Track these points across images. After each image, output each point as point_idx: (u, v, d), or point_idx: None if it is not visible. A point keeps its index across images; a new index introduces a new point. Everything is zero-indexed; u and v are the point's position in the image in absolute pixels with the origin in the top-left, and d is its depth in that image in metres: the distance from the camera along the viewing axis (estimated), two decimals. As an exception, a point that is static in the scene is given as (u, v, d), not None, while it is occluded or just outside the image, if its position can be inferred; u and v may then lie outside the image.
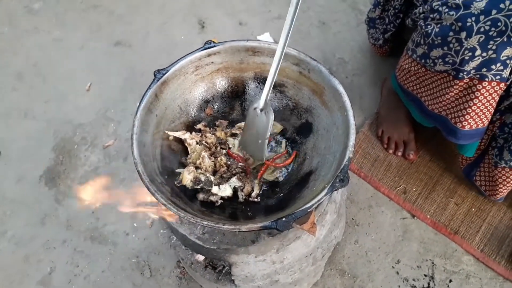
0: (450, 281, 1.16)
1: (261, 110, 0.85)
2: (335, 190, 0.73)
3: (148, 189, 0.74)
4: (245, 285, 0.98)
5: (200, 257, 0.98)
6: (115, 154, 1.40)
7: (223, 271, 1.00)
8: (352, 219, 1.25)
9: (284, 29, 0.80)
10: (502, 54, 0.86)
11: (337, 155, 0.81)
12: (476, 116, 0.97)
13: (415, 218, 1.25)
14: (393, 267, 1.18)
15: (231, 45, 0.90)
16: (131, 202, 1.19)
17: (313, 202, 0.71)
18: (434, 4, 0.91)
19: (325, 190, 0.73)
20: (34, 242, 1.27)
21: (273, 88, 0.95)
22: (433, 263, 1.18)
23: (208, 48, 0.89)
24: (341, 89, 0.84)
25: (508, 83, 0.93)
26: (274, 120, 0.95)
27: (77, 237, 1.27)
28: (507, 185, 1.11)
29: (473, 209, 1.24)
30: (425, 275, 1.17)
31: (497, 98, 0.95)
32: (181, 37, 1.61)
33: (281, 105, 0.96)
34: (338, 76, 1.52)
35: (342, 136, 0.82)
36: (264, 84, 0.94)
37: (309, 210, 0.71)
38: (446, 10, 0.87)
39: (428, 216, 1.24)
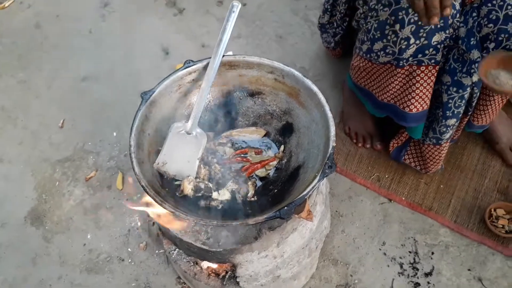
0: (433, 253, 1.26)
1: (188, 133, 0.93)
2: (326, 176, 0.81)
3: (155, 200, 0.79)
4: (249, 286, 1.03)
5: (204, 265, 1.03)
6: (99, 185, 1.42)
7: (227, 276, 1.05)
8: (336, 211, 1.34)
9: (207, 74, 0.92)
10: (433, 40, 0.99)
11: (320, 147, 0.89)
12: (421, 99, 1.10)
13: (392, 201, 1.35)
14: (379, 249, 1.27)
15: (208, 61, 0.97)
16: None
17: (309, 189, 0.79)
18: (371, 3, 1.04)
19: (317, 178, 0.80)
20: (28, 283, 1.25)
21: (251, 96, 1.04)
22: (414, 239, 1.28)
23: (188, 66, 0.96)
24: (315, 88, 0.93)
25: (440, 66, 1.07)
26: (257, 126, 1.04)
27: (72, 271, 1.27)
28: (435, 159, 1.26)
29: (442, 186, 1.36)
30: (410, 252, 1.27)
31: (434, 80, 1.08)
32: (147, 65, 1.66)
33: (261, 111, 1.04)
34: (306, 76, 1.64)
35: (322, 130, 0.91)
36: (244, 93, 1.03)
37: (306, 197, 0.79)
38: (381, 7, 1.00)
39: (403, 198, 1.35)
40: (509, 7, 0.94)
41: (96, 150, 1.48)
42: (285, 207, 0.76)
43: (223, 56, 0.97)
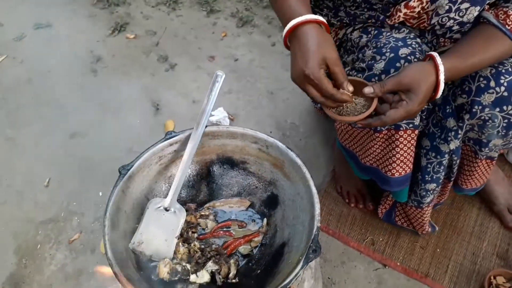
0: (431, 325, 1.19)
1: (167, 209, 0.90)
2: (310, 261, 0.76)
3: (127, 289, 0.74)
4: None
5: None
6: (82, 248, 1.37)
7: None
8: (328, 278, 1.27)
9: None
10: None
11: (305, 224, 0.85)
12: (402, 163, 1.07)
13: (387, 267, 1.29)
14: (375, 320, 1.21)
15: (190, 132, 0.95)
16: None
17: (291, 277, 0.74)
18: (346, 69, 1.03)
19: (301, 263, 0.76)
20: None
21: (236, 165, 1.01)
22: (411, 309, 1.22)
23: (169, 138, 0.93)
24: (299, 161, 0.90)
25: (420, 129, 1.04)
26: (241, 196, 1.00)
27: None
28: (418, 221, 1.23)
29: (438, 250, 1.31)
30: (406, 323, 1.20)
31: (414, 144, 1.05)
32: (137, 121, 1.64)
33: (245, 181, 1.01)
34: (292, 140, 1.62)
35: (307, 205, 0.87)
36: (227, 163, 0.99)
37: (288, 286, 0.74)
38: (355, 73, 0.98)
39: (398, 264, 1.29)
40: (481, 79, 0.93)
41: (81, 210, 1.44)
42: (265, 298, 0.71)
43: (206, 126, 0.94)
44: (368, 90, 0.85)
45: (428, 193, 1.12)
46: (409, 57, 0.92)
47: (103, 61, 1.81)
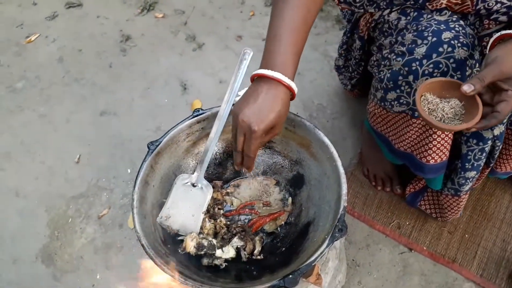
0: (456, 310, 1.17)
1: (194, 185, 0.91)
2: (336, 240, 0.76)
3: (154, 262, 0.75)
4: None
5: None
6: (111, 223, 1.40)
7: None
8: (353, 260, 1.27)
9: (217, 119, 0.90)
10: None
11: (332, 204, 0.84)
12: (439, 150, 1.04)
13: (413, 251, 1.27)
14: (398, 303, 1.20)
15: (217, 110, 0.95)
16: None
17: (316, 255, 0.74)
18: (384, 52, 1.00)
19: (326, 242, 0.75)
20: (36, 325, 1.24)
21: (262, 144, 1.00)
22: (436, 294, 1.20)
23: (197, 115, 0.94)
24: (327, 141, 0.89)
25: None
26: (266, 175, 1.00)
27: (80, 313, 1.25)
28: (453, 209, 1.19)
29: (467, 235, 1.28)
30: (431, 308, 1.18)
31: (453, 132, 1.01)
32: (165, 100, 1.66)
33: (271, 160, 1.00)
34: (319, 121, 1.60)
35: (334, 185, 0.86)
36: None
37: (313, 264, 0.74)
38: (394, 57, 0.95)
39: (425, 248, 1.27)
40: None
41: (110, 187, 1.48)
42: (290, 275, 0.72)
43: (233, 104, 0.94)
44: (467, 88, 0.76)
45: (468, 181, 1.08)
46: (452, 42, 0.88)
47: (132, 40, 1.83)
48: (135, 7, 1.94)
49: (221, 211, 0.93)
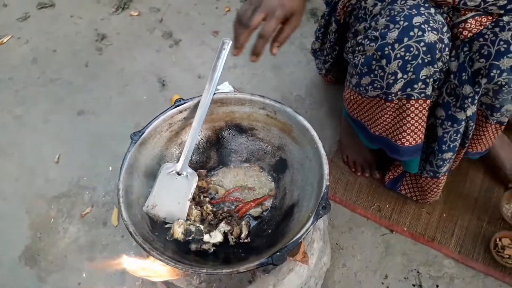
0: (437, 286, 1.22)
1: (179, 173, 0.92)
2: (320, 217, 0.78)
3: (143, 247, 0.76)
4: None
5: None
6: (94, 221, 1.40)
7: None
8: (336, 243, 1.30)
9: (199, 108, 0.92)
10: (421, 74, 0.97)
11: (314, 185, 0.87)
12: (413, 133, 1.08)
13: (394, 232, 1.31)
14: (382, 283, 1.23)
15: (199, 99, 0.96)
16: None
17: (302, 232, 0.76)
18: (358, 38, 1.03)
19: (311, 219, 0.78)
20: (22, 327, 1.22)
21: (244, 132, 1.02)
22: (418, 272, 1.24)
23: (179, 105, 0.95)
24: (307, 124, 0.91)
25: (432, 99, 1.05)
26: (250, 162, 1.02)
27: (67, 312, 1.24)
28: (433, 191, 1.25)
29: (444, 215, 1.33)
30: (413, 285, 1.22)
31: (426, 114, 1.06)
32: (144, 97, 1.66)
33: (254, 147, 1.02)
34: (298, 112, 1.63)
35: (316, 167, 0.88)
36: (236, 130, 1.01)
37: (299, 241, 0.76)
38: (368, 42, 0.98)
39: (405, 229, 1.31)
40: (501, 42, 0.93)
41: (92, 185, 1.47)
42: (278, 252, 0.74)
43: (215, 93, 0.95)
44: None
45: (445, 162, 1.12)
46: (422, 26, 0.91)
47: (108, 39, 1.82)
48: (109, 6, 1.93)
49: (207, 199, 0.95)
